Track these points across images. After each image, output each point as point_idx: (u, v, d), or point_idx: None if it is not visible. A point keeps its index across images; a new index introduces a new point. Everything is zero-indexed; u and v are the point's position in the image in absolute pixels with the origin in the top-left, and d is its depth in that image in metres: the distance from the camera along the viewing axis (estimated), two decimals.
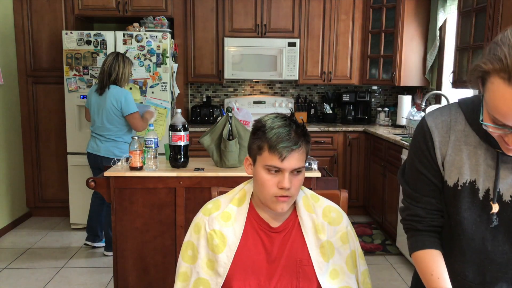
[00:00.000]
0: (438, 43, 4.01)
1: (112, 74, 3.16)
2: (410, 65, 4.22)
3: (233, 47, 4.31)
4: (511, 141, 0.90)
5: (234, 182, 2.20)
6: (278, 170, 1.20)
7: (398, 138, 3.56)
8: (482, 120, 0.93)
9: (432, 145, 1.07)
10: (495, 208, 1.00)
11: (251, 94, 4.82)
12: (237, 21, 4.35)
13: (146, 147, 2.37)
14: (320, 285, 1.26)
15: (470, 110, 1.04)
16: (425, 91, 4.30)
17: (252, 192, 1.32)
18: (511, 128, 0.87)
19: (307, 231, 1.29)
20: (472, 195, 1.03)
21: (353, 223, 1.38)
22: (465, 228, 1.05)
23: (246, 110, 2.94)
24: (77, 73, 3.79)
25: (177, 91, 4.09)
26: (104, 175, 2.35)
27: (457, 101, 1.10)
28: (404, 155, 3.31)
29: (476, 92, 3.15)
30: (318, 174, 2.34)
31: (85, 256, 3.44)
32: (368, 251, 3.54)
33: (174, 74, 4.00)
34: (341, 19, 4.43)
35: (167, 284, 2.43)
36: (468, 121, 1.04)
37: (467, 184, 1.03)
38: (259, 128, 1.24)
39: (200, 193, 2.37)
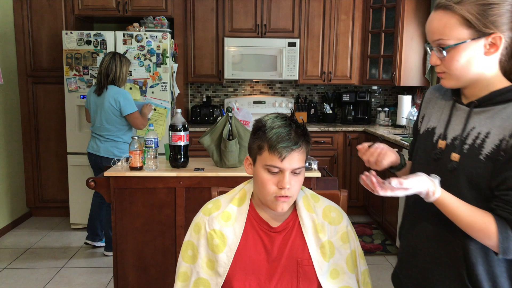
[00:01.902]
0: None
1: (109, 74, 3.16)
2: (410, 65, 4.22)
3: (233, 47, 4.31)
4: (432, 61, 1.11)
5: (234, 182, 2.20)
6: (278, 170, 1.20)
7: (398, 138, 3.56)
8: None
9: (421, 102, 1.31)
10: (442, 144, 1.14)
11: (251, 94, 4.82)
12: (237, 21, 4.35)
13: (146, 147, 2.37)
14: (320, 285, 1.26)
15: None
16: (425, 91, 4.30)
17: (252, 192, 1.32)
18: (430, 46, 1.10)
19: (307, 231, 1.29)
20: (430, 138, 1.19)
21: (353, 223, 1.39)
22: (416, 167, 1.21)
23: (246, 110, 2.95)
24: (77, 73, 3.79)
25: (177, 91, 4.09)
26: (104, 175, 2.35)
27: None
28: (404, 155, 3.30)
29: None
30: (318, 174, 2.34)
31: (85, 256, 3.44)
32: (368, 251, 3.54)
33: (174, 74, 4.00)
34: (341, 19, 4.43)
35: (167, 284, 2.43)
36: None
37: (429, 129, 1.21)
38: (259, 127, 1.24)
39: (200, 193, 2.37)
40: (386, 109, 4.68)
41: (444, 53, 1.06)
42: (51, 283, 2.99)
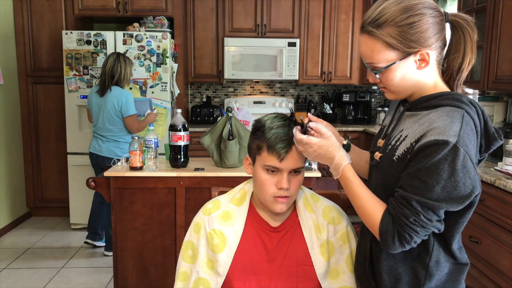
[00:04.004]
0: None
1: (114, 75, 3.15)
2: None
3: (233, 47, 4.31)
4: (370, 80, 1.13)
5: (234, 182, 2.20)
6: (277, 170, 1.20)
7: None
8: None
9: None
10: (380, 143, 1.19)
11: (251, 94, 4.82)
12: (237, 21, 4.36)
13: (146, 147, 2.37)
14: (320, 284, 1.26)
15: None
16: None
17: (252, 192, 1.32)
18: (368, 66, 1.10)
19: (307, 231, 1.29)
20: (379, 136, 1.25)
21: (353, 223, 1.39)
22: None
23: (246, 110, 2.95)
24: (77, 73, 3.79)
25: (177, 91, 4.09)
26: (104, 175, 2.35)
27: None
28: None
29: (477, 92, 3.15)
30: (318, 174, 2.34)
31: (85, 256, 3.44)
32: None
33: (174, 74, 4.00)
34: (341, 19, 4.43)
35: (167, 284, 2.43)
36: None
37: (382, 128, 1.26)
38: (258, 128, 1.24)
39: (200, 193, 2.37)
40: (386, 109, 4.68)
41: (378, 76, 1.08)
42: (51, 283, 2.99)
